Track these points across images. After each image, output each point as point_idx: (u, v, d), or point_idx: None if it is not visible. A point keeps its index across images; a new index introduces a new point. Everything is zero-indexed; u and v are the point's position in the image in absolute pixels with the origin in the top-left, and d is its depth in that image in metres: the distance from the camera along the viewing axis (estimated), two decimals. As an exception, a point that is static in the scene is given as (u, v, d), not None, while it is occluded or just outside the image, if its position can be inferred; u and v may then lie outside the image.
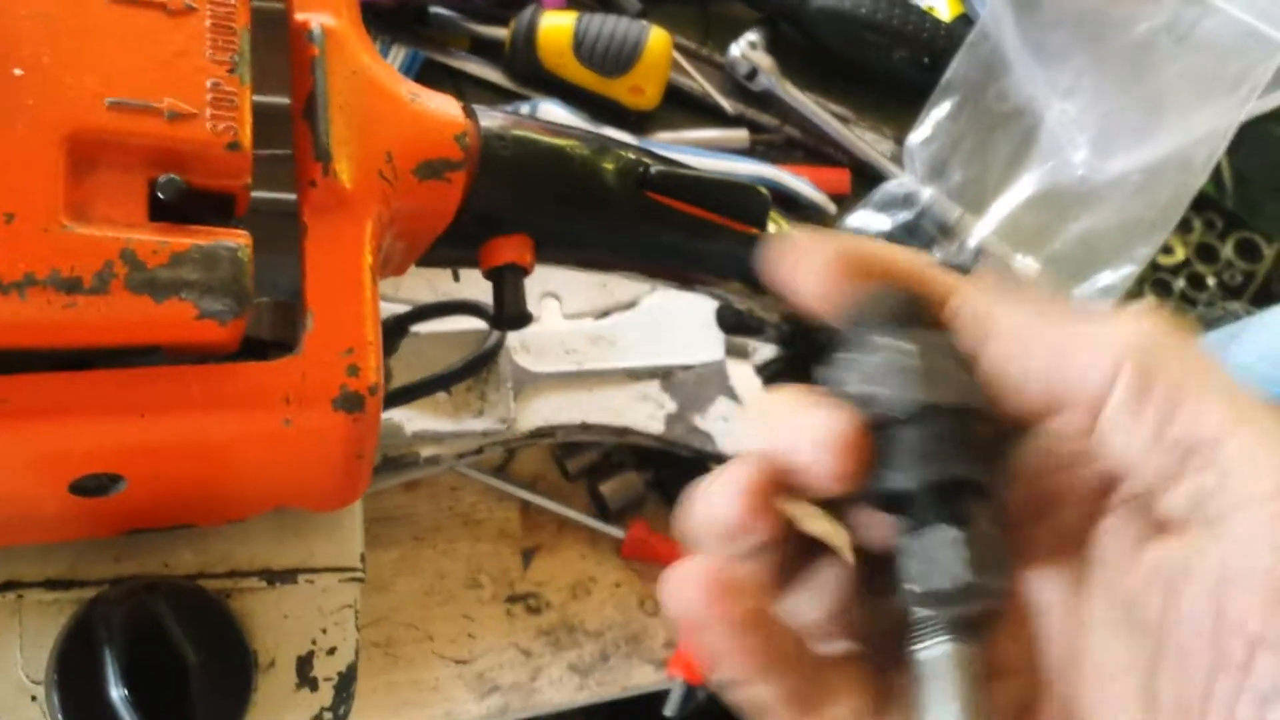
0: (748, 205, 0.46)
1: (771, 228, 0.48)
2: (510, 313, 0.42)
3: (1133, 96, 0.71)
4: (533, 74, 0.71)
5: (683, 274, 0.48)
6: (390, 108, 0.40)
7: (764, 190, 0.46)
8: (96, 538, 0.39)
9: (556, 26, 0.69)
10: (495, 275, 0.43)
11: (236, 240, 0.34)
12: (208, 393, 0.34)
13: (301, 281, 0.36)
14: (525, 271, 0.43)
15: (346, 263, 0.37)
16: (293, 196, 0.38)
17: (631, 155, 0.44)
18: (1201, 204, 0.85)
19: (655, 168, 0.44)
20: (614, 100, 0.71)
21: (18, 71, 0.33)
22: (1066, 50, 0.72)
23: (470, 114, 0.41)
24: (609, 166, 0.43)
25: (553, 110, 0.69)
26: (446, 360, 0.58)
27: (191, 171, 0.34)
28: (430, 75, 0.70)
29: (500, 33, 0.71)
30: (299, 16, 0.39)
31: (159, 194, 0.33)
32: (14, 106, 0.32)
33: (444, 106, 0.41)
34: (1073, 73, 0.72)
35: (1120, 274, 0.71)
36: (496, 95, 0.72)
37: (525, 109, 0.70)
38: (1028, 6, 0.71)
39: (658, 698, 0.63)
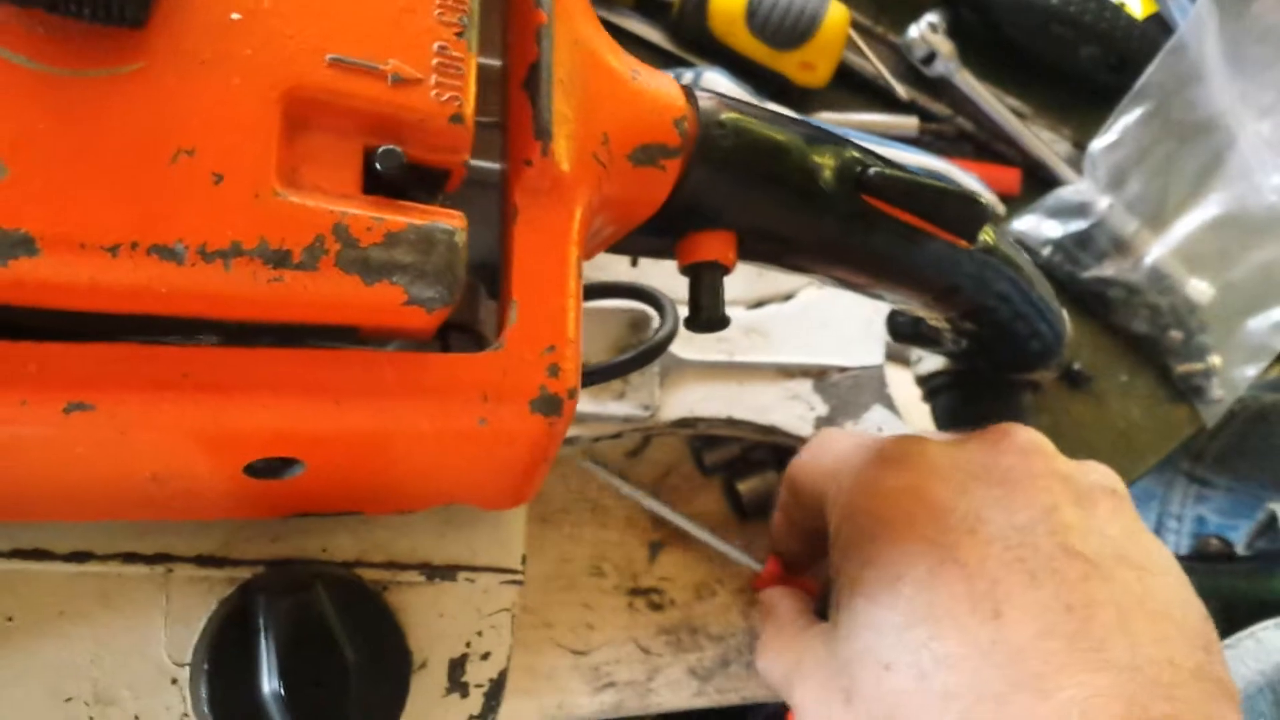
0: (967, 217, 0.42)
1: (981, 238, 0.44)
2: (707, 315, 0.39)
3: (1338, 121, 0.66)
4: (699, 39, 0.67)
5: (881, 283, 0.45)
6: (611, 85, 0.36)
7: (985, 200, 0.42)
8: (258, 519, 0.37)
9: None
10: (693, 272, 0.40)
11: (451, 223, 0.30)
12: (405, 383, 0.31)
13: (508, 270, 0.33)
14: (726, 270, 0.40)
15: (554, 253, 0.34)
16: (496, 166, 0.35)
17: (851, 153, 0.40)
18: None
19: (874, 169, 0.40)
20: (782, 75, 0.67)
21: (235, 15, 0.30)
22: (1270, 64, 0.67)
23: (690, 96, 0.38)
24: (828, 164, 0.40)
25: (718, 80, 0.65)
26: (590, 338, 0.55)
27: (410, 142, 0.31)
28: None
29: (669, -10, 0.67)
30: (523, -26, 0.35)
31: (376, 165, 0.30)
32: (229, 54, 0.29)
33: (664, 87, 0.37)
34: (1274, 89, 0.67)
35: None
36: (657, 57, 0.68)
37: (689, 75, 0.66)
38: (1234, 13, 0.66)
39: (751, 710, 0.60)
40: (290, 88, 0.29)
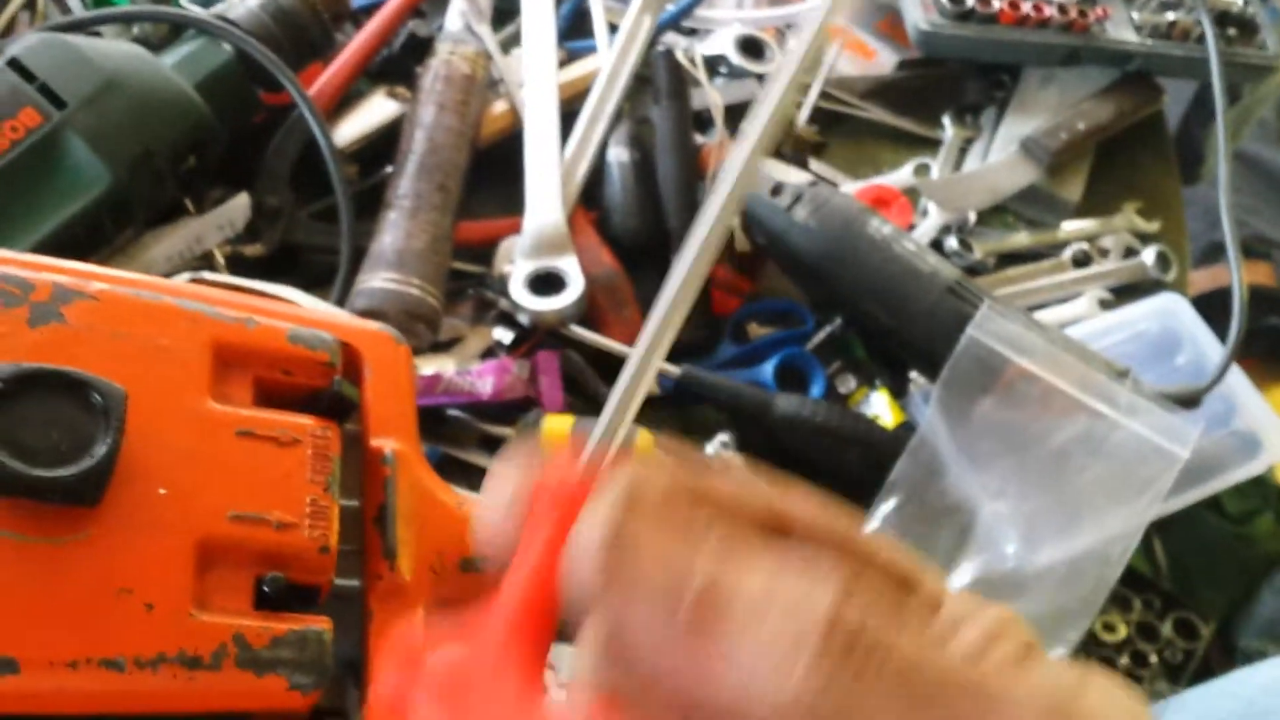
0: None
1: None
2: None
3: (1054, 498, 0.82)
4: (533, 467, 0.81)
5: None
6: (441, 514, 0.49)
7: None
8: None
9: (556, 430, 0.80)
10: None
11: (321, 626, 0.42)
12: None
13: (366, 658, 0.44)
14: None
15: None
16: (356, 584, 0.46)
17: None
18: (1140, 584, 0.94)
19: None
20: (603, 491, 0.81)
21: (162, 491, 0.42)
22: (994, 456, 0.83)
23: (504, 519, 0.50)
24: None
25: (550, 500, 0.78)
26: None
27: (290, 569, 0.43)
28: (447, 467, 0.79)
29: (506, 431, 0.82)
30: (374, 441, 0.49)
31: (265, 588, 0.42)
32: (158, 519, 0.41)
33: (483, 513, 0.50)
34: (1000, 476, 0.83)
35: (1053, 656, 0.79)
36: (500, 485, 0.81)
37: (525, 498, 0.79)
38: (959, 418, 0.83)
39: None
40: (201, 538, 0.41)
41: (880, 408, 0.89)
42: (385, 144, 0.90)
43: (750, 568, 0.27)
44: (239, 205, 0.80)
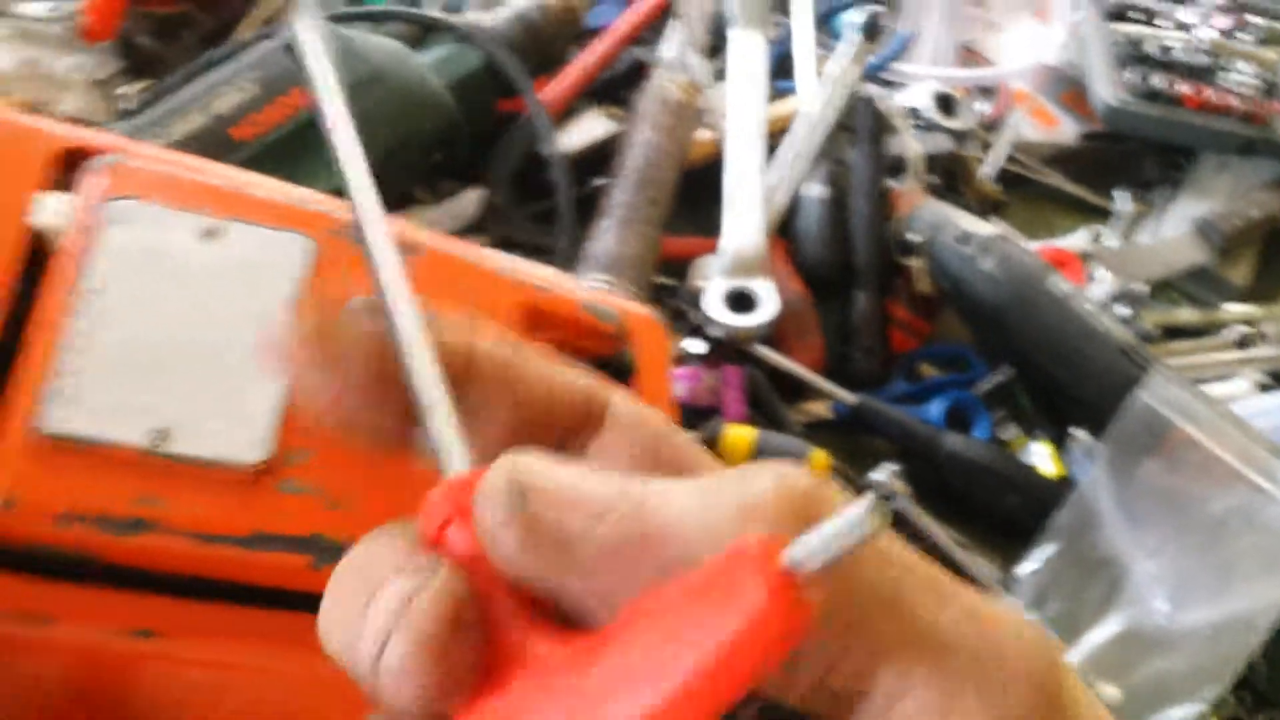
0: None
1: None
2: None
3: (1207, 562, 0.85)
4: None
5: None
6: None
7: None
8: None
9: (739, 437, 0.85)
10: None
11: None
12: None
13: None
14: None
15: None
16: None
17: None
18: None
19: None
20: (777, 504, 0.85)
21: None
22: (1153, 516, 0.86)
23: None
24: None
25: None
26: None
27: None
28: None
29: (690, 434, 0.87)
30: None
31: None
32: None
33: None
34: (1157, 536, 0.86)
35: (1187, 711, 0.82)
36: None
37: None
38: (1123, 477, 0.86)
39: None
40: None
41: (1040, 458, 0.93)
42: (597, 159, 0.96)
43: None
44: (473, 199, 0.87)
